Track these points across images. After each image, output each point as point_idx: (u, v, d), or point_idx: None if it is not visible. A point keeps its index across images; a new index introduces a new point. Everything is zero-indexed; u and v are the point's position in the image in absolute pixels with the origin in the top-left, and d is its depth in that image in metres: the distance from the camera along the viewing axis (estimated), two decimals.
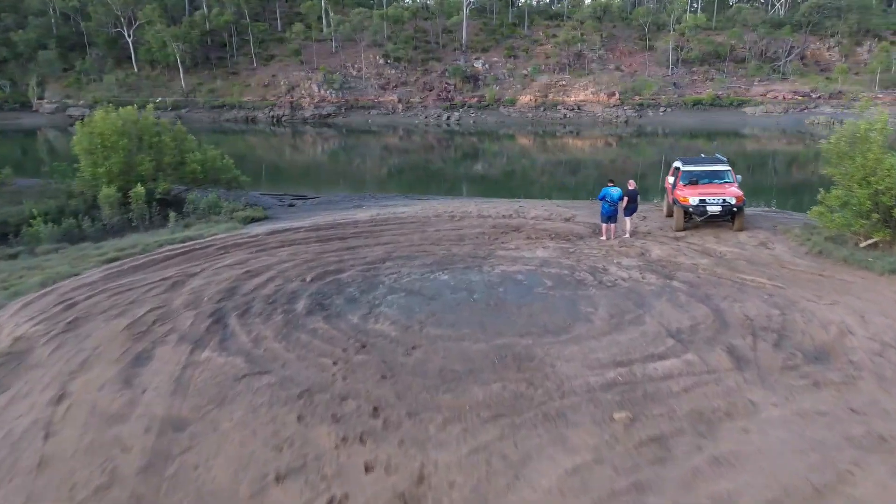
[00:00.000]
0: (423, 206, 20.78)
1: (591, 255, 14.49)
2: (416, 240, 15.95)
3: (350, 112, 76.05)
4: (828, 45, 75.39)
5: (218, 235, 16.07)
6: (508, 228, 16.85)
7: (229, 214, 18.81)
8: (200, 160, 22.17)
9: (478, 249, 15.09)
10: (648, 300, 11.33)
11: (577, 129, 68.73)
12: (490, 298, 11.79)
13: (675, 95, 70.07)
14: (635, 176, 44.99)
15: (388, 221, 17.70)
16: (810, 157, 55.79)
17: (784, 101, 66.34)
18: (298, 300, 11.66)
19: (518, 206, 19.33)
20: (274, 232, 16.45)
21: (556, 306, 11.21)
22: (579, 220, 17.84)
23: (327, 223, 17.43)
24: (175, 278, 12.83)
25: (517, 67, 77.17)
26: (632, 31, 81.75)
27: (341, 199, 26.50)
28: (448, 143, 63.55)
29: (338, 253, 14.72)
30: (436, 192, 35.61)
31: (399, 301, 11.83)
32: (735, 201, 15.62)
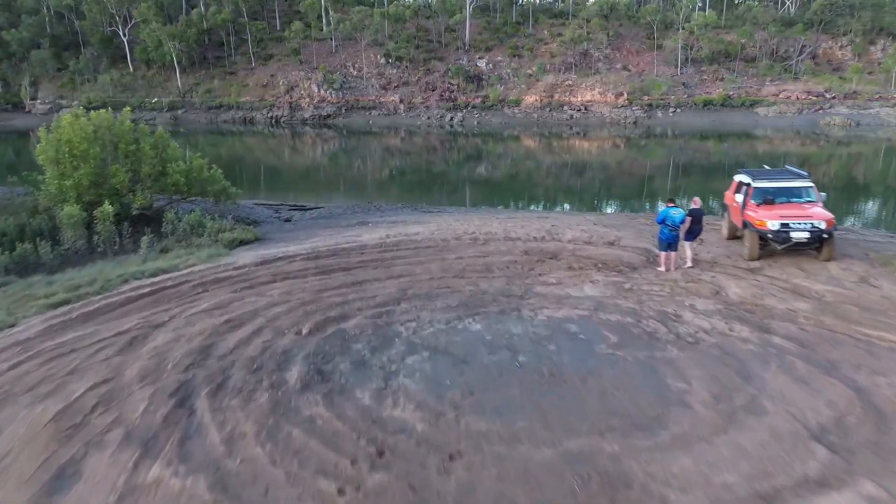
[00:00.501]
0: (438, 223, 17.80)
1: (654, 294, 11.59)
2: (435, 271, 13.03)
3: (350, 113, 73.00)
4: (840, 43, 72.42)
5: (196, 267, 13.09)
6: (544, 255, 13.92)
7: (214, 236, 15.84)
8: (184, 170, 19.21)
9: (511, 284, 12.20)
10: (754, 369, 8.45)
11: (584, 130, 65.80)
12: (541, 363, 8.89)
13: (684, 96, 67.11)
14: (645, 181, 42.52)
15: (400, 246, 14.76)
16: (824, 158, 53.30)
17: (797, 101, 63.47)
18: (291, 366, 8.76)
19: (550, 226, 16.35)
20: (265, 261, 13.50)
21: (633, 378, 8.31)
22: (626, 243, 14.88)
23: (328, 249, 14.47)
24: (135, 332, 9.90)
25: (521, 67, 74.10)
26: (639, 30, 78.71)
27: (343, 212, 23.56)
28: (451, 144, 60.61)
29: (341, 290, 11.81)
30: (442, 198, 32.83)
31: (423, 367, 8.91)
32: (825, 226, 12.67)
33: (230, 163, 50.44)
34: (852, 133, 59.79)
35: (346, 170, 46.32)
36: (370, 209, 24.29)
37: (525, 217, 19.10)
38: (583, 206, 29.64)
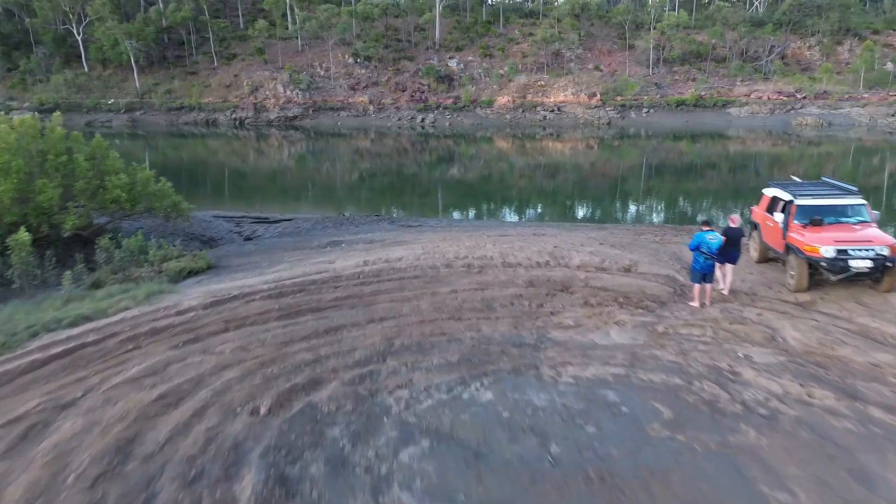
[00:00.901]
0: (423, 243, 15.32)
1: (696, 340, 9.41)
2: (426, 310, 10.62)
3: (318, 114, 69.94)
4: (808, 44, 72.05)
5: (130, 312, 10.43)
6: (553, 287, 11.62)
7: (157, 266, 13.19)
8: (126, 184, 16.43)
9: (520, 327, 9.90)
10: (866, 463, 6.28)
11: (557, 131, 63.99)
12: (583, 457, 6.56)
13: (657, 96, 65.82)
14: (619, 182, 40.86)
15: (381, 276, 12.30)
16: (795, 158, 52.40)
17: (769, 101, 62.67)
18: (243, 470, 6.29)
19: (552, 248, 14.03)
20: (216, 301, 10.89)
21: (712, 483, 6.05)
22: (644, 269, 12.65)
23: (295, 282, 11.92)
24: (33, 417, 7.28)
25: (493, 67, 72.00)
26: (610, 30, 77.29)
27: (312, 226, 20.95)
28: (424, 146, 58.17)
29: (311, 342, 9.34)
30: (420, 207, 30.44)
31: (424, 467, 6.50)
32: (889, 253, 10.58)
33: (192, 166, 47.26)
34: (824, 133, 59.12)
35: (314, 174, 43.54)
36: (342, 223, 21.74)
37: (519, 233, 16.77)
38: (574, 215, 27.58)
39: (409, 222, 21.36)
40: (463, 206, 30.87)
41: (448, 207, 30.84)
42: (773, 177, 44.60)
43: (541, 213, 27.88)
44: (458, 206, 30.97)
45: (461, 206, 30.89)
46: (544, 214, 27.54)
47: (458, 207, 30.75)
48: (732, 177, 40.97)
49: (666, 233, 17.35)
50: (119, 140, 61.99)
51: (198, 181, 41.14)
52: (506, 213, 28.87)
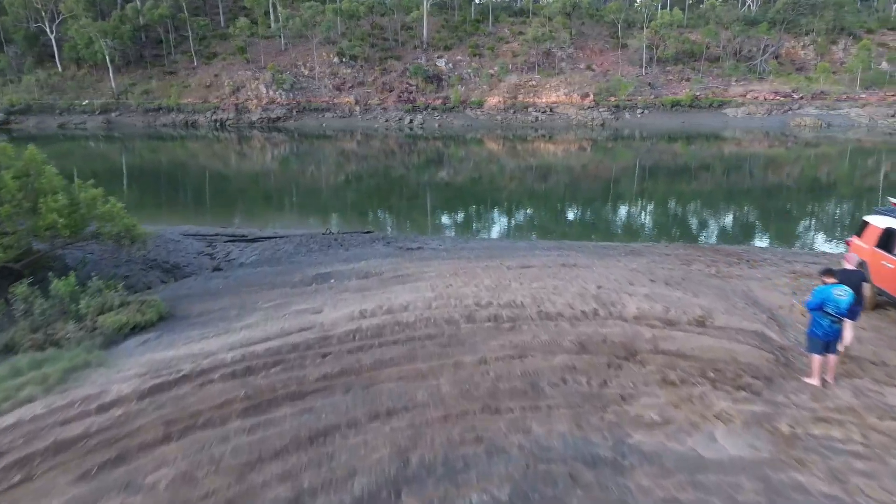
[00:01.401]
0: (431, 279, 12.17)
1: (842, 449, 6.53)
2: (448, 395, 7.60)
3: (302, 115, 66.58)
4: (803, 43, 70.05)
5: (33, 406, 7.28)
6: (613, 353, 8.64)
7: (92, 319, 10.06)
8: (65, 207, 13.23)
9: (586, 426, 6.92)
10: None
11: (549, 132, 61.23)
12: None
13: (651, 96, 63.34)
14: (625, 187, 38.20)
15: (383, 335, 9.24)
16: (791, 159, 50.13)
17: (766, 101, 60.47)
18: None
19: (595, 288, 10.97)
20: (158, 385, 7.73)
21: None
22: (722, 321, 9.65)
23: (270, 347, 8.80)
24: None
25: (483, 67, 69.10)
26: (602, 29, 74.76)
27: (295, 249, 17.79)
28: (412, 148, 55.08)
29: (288, 462, 6.26)
30: (417, 219, 27.32)
31: None
32: None
33: (169, 170, 43.62)
34: (822, 134, 56.95)
35: (298, 179, 40.25)
36: (329, 243, 18.61)
37: (543, 263, 13.72)
38: (592, 229, 24.61)
39: (407, 243, 18.28)
40: (463, 219, 27.84)
41: (446, 220, 27.79)
42: (768, 179, 42.53)
43: (555, 228, 24.91)
44: (457, 218, 27.94)
45: (460, 219, 27.87)
46: (559, 229, 24.58)
47: (456, 219, 27.72)
48: (745, 180, 38.42)
49: (718, 260, 14.44)
50: (94, 143, 58.20)
51: (175, 187, 37.74)
52: (512, 226, 25.88)
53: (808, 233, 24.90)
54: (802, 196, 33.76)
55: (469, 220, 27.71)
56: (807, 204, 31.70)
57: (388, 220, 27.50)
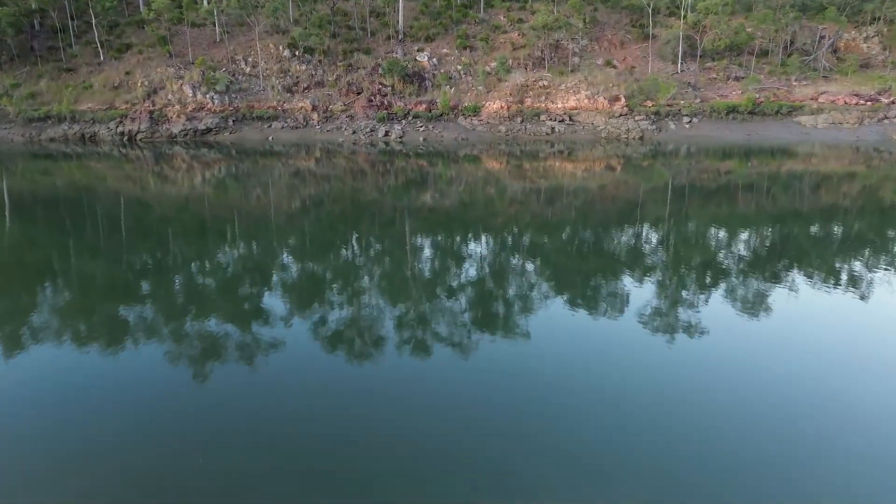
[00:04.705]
0: None
1: None
2: None
3: (241, 125, 47.08)
4: (865, 34, 53.44)
5: None
6: None
7: None
8: None
9: None
10: None
11: (569, 147, 43.12)
12: None
13: (696, 100, 45.95)
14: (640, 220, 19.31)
15: None
16: (860, 178, 33.25)
17: (848, 106, 43.75)
18: None
19: None
20: None
21: None
22: None
23: None
24: None
25: (476, 62, 50.58)
26: (620, 16, 56.93)
27: None
28: (387, 169, 36.34)
29: None
30: (384, 280, 9.48)
31: None
32: None
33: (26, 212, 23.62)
34: None
35: (223, 225, 21.16)
36: None
37: None
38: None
39: None
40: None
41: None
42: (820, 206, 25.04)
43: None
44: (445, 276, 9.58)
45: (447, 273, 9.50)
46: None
47: (446, 273, 9.37)
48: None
49: None
50: None
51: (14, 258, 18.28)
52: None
53: None
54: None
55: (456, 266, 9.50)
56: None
57: (347, 275, 9.07)
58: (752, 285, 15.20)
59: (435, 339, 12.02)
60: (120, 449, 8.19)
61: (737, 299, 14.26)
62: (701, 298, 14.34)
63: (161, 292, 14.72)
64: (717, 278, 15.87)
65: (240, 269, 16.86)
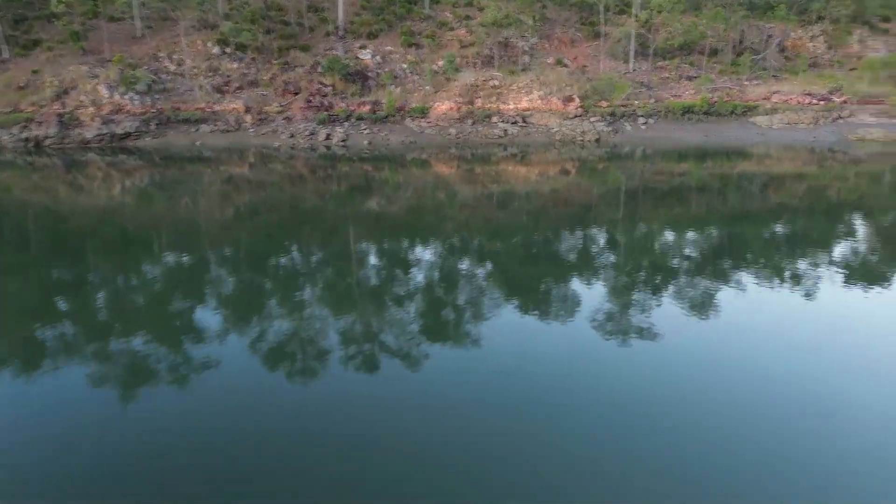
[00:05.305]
0: None
1: None
2: None
3: (165, 129, 45.27)
4: (811, 33, 56.21)
5: None
6: None
7: None
8: None
9: None
10: None
11: (522, 150, 43.39)
12: None
13: (650, 100, 47.14)
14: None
15: None
16: (809, 179, 35.03)
17: (801, 106, 45.73)
18: None
19: None
20: None
21: None
22: None
23: None
24: None
25: (423, 61, 50.40)
26: (570, 14, 58.00)
27: None
28: (329, 175, 35.54)
29: None
30: (325, 292, 9.24)
31: None
32: None
33: None
34: (890, 150, 42.47)
35: (148, 239, 19.80)
36: None
37: None
38: None
39: None
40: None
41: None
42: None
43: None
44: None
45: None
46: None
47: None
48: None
49: None
50: None
51: None
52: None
53: None
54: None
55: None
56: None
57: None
58: (704, 285, 15.38)
59: (384, 352, 11.53)
60: (37, 476, 7.36)
61: (690, 299, 14.37)
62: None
63: (79, 311, 13.67)
64: (670, 279, 16.00)
65: (167, 285, 15.89)
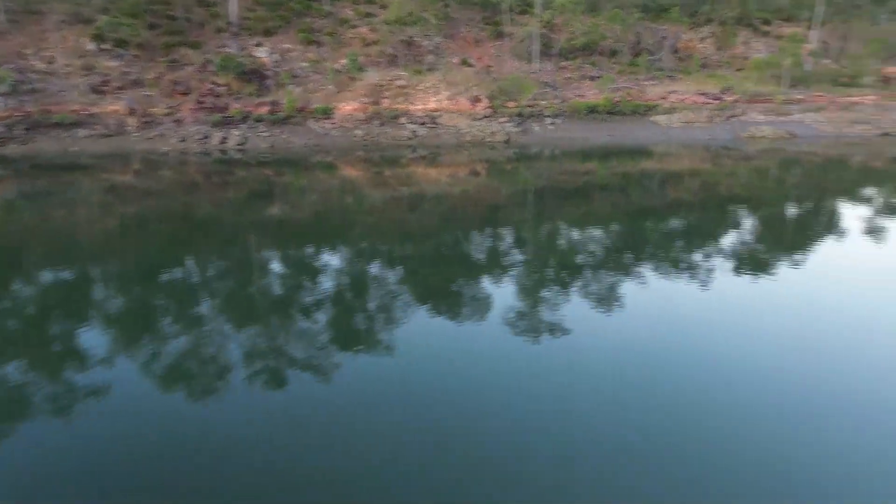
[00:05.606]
0: None
1: None
2: None
3: (35, 133, 41.41)
4: (701, 34, 59.88)
5: None
6: None
7: None
8: None
9: None
10: None
11: (433, 152, 43.28)
12: None
13: (556, 100, 48.40)
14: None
15: None
16: (703, 176, 37.77)
17: (697, 106, 48.44)
18: None
19: None
20: None
21: None
22: None
23: None
24: None
25: (324, 59, 49.15)
26: (472, 13, 58.59)
27: None
28: (226, 181, 33.75)
29: None
30: (225, 305, 8.27)
31: None
32: None
33: None
34: (778, 146, 45.83)
35: (15, 258, 17.54)
36: None
37: None
38: None
39: None
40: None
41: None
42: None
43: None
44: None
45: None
46: None
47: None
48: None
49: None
50: None
51: None
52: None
53: None
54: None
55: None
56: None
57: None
58: (610, 280, 15.68)
59: (290, 366, 10.76)
60: None
61: (593, 295, 14.57)
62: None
63: None
64: (578, 275, 16.21)
65: (40, 307, 14.20)
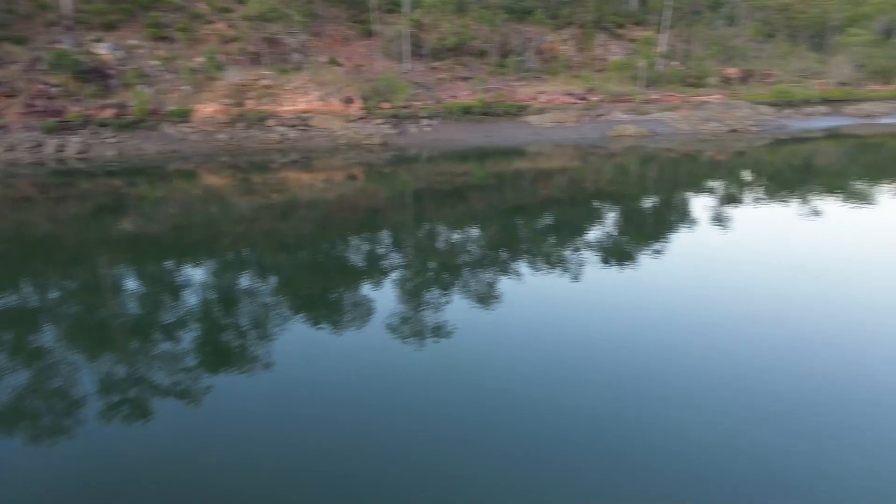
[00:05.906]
0: None
1: None
2: None
3: None
4: (563, 37, 62.67)
5: None
6: None
7: None
8: None
9: None
10: None
11: (305, 156, 41.68)
12: None
13: (430, 101, 48.44)
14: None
15: None
16: (570, 172, 40.28)
17: (566, 106, 50.50)
18: None
19: None
20: None
21: None
22: None
23: None
24: None
25: (177, 57, 45.78)
26: (339, 11, 57.21)
27: None
28: (66, 194, 30.33)
29: None
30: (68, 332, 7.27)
31: None
32: None
33: None
34: (641, 144, 48.91)
35: None
36: None
37: None
38: None
39: None
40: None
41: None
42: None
43: None
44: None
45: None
46: None
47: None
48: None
49: None
50: None
51: None
52: None
53: None
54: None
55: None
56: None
57: None
58: (490, 276, 15.79)
59: (158, 394, 9.58)
60: None
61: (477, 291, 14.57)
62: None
63: None
64: (458, 274, 16.16)
65: None
